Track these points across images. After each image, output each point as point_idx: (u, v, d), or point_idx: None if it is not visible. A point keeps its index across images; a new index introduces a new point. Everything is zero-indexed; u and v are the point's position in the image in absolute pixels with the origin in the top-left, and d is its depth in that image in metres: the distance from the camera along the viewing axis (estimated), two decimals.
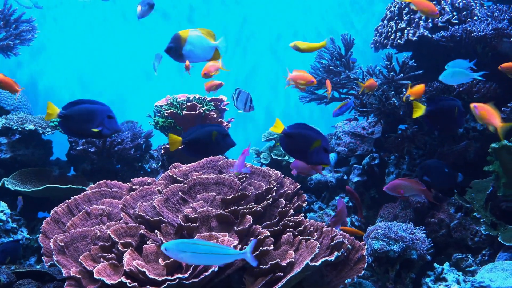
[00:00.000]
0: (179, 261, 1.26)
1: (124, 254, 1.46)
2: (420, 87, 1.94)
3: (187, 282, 1.35)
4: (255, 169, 2.03)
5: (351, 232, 2.00)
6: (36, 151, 2.49)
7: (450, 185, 2.01)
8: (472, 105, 1.71)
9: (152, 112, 2.64)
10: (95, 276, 1.38)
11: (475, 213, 1.99)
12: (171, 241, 1.18)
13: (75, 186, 2.21)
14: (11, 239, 2.06)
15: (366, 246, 1.72)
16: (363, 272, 1.66)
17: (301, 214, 1.78)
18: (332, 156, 1.89)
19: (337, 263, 1.67)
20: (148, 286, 1.34)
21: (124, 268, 1.40)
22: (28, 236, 2.16)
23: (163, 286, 1.33)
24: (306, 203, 1.94)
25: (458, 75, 1.84)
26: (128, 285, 1.34)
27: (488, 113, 1.67)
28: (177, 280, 1.34)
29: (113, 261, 1.48)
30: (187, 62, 2.19)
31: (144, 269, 1.37)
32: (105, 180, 1.99)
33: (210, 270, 1.38)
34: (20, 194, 2.26)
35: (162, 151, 2.44)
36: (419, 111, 1.77)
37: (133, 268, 1.39)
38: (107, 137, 1.45)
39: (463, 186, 2.07)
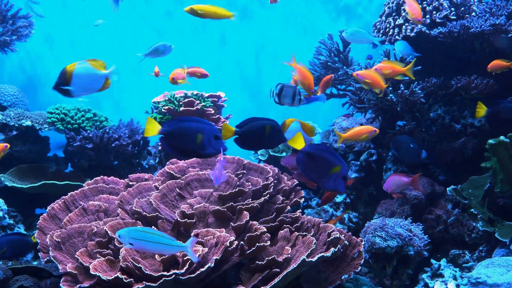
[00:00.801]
0: (131, 248, 1.33)
1: (121, 250, 1.45)
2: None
3: (183, 277, 1.35)
4: (253, 165, 2.02)
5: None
6: (33, 147, 2.48)
7: (414, 161, 2.02)
8: (354, 73, 1.85)
9: (150, 109, 2.64)
10: (91, 271, 1.38)
11: (472, 209, 1.99)
12: (125, 228, 1.27)
13: (72, 182, 2.21)
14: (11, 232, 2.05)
15: (363, 242, 1.72)
16: (360, 268, 1.66)
17: (298, 210, 1.78)
18: (317, 138, 1.88)
19: (334, 259, 1.68)
20: (144, 282, 1.34)
21: (120, 263, 1.40)
22: (25, 233, 2.16)
23: (159, 282, 1.33)
24: (303, 199, 1.94)
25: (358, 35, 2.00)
26: (124, 280, 1.34)
27: (371, 78, 1.84)
28: (173, 275, 1.34)
29: (110, 257, 1.47)
30: (156, 69, 2.16)
31: (140, 265, 1.37)
32: (102, 176, 1.98)
33: (206, 266, 1.37)
34: (16, 190, 2.25)
35: (160, 148, 2.44)
36: (481, 111, 1.85)
37: (129, 264, 1.39)
38: (211, 156, 1.44)
39: (427, 163, 2.13)
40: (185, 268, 1.36)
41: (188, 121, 1.42)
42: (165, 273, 1.35)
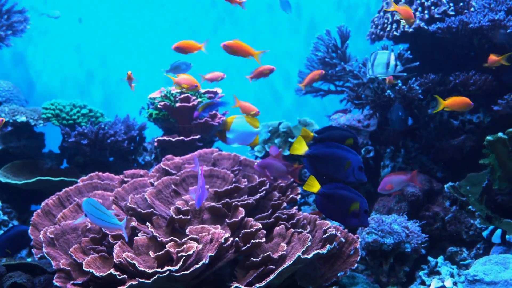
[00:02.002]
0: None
1: (114, 247, 1.44)
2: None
3: (177, 274, 1.33)
4: (249, 162, 2.01)
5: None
6: (28, 143, 2.46)
7: (401, 126, 1.99)
8: (221, 44, 1.80)
9: (146, 105, 2.62)
10: (84, 268, 1.37)
11: (470, 207, 1.98)
12: (85, 200, 1.40)
13: (67, 179, 2.19)
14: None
15: (359, 239, 1.71)
16: (356, 265, 1.65)
17: (295, 207, 1.77)
18: (263, 130, 1.85)
19: (330, 256, 1.66)
20: (138, 278, 1.32)
21: (114, 260, 1.39)
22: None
23: (152, 279, 1.31)
24: (300, 196, 1.92)
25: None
26: (118, 277, 1.33)
27: (238, 47, 1.81)
28: (167, 272, 1.32)
29: (103, 253, 1.46)
30: (129, 73, 2.12)
31: (134, 261, 1.35)
32: (97, 172, 1.97)
33: (200, 263, 1.36)
34: (11, 186, 2.24)
35: (156, 144, 2.42)
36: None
37: (122, 260, 1.37)
38: (351, 185, 1.44)
39: (413, 129, 2.13)
40: (179, 264, 1.34)
41: (335, 147, 1.43)
42: (159, 269, 1.34)
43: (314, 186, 1.42)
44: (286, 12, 2.14)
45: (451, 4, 2.20)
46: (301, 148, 1.45)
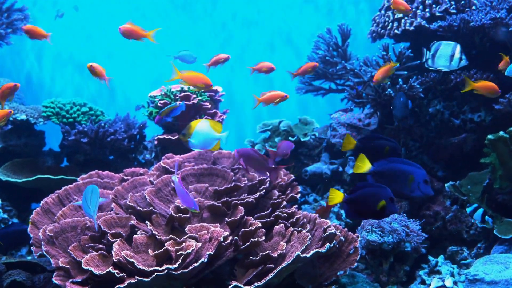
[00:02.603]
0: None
1: (113, 245, 1.44)
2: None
3: (176, 273, 1.33)
4: None
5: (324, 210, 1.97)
6: (28, 141, 2.46)
7: (403, 112, 1.97)
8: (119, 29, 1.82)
9: (146, 103, 2.61)
10: (83, 266, 1.37)
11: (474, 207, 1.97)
12: (88, 187, 1.46)
13: (67, 177, 2.19)
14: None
15: (359, 238, 1.70)
16: (356, 264, 1.64)
17: (295, 206, 1.76)
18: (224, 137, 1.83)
19: (329, 255, 1.66)
20: (136, 277, 1.32)
21: (113, 258, 1.39)
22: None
23: (151, 277, 1.31)
24: (299, 194, 1.92)
25: None
26: (116, 275, 1.33)
27: (131, 31, 1.86)
28: (166, 270, 1.32)
29: (102, 251, 1.46)
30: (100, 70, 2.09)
31: (132, 259, 1.35)
32: (97, 170, 1.97)
33: (199, 261, 1.36)
34: (11, 184, 2.23)
35: (156, 142, 2.42)
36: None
37: (121, 259, 1.37)
38: (417, 199, 1.43)
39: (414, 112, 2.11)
40: (178, 263, 1.34)
41: (398, 162, 1.43)
42: (158, 268, 1.34)
43: (364, 166, 1.43)
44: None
45: (453, 2, 2.19)
46: (364, 166, 1.45)
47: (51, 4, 4.03)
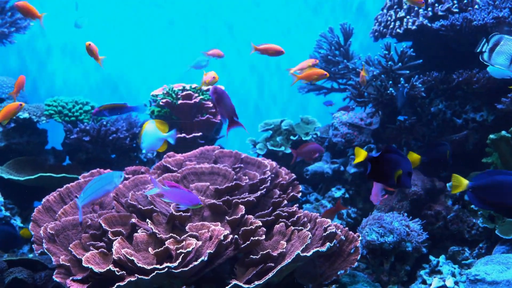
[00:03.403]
0: None
1: (114, 243, 1.44)
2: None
3: (176, 271, 1.33)
4: (250, 159, 2.00)
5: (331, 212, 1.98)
6: (31, 139, 2.47)
7: (403, 101, 1.99)
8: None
9: (148, 102, 2.62)
10: (84, 264, 1.37)
11: (472, 206, 1.96)
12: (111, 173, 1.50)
13: (68, 175, 2.19)
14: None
15: (360, 238, 1.70)
16: (356, 264, 1.64)
17: (296, 205, 1.76)
18: (171, 133, 1.85)
19: (330, 254, 1.66)
20: (136, 275, 1.32)
21: (113, 256, 1.39)
22: (21, 225, 2.15)
23: (151, 275, 1.31)
24: (300, 193, 1.92)
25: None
26: (117, 273, 1.33)
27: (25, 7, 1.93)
28: (166, 269, 1.32)
29: (103, 249, 1.46)
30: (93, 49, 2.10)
31: (133, 258, 1.35)
32: (98, 169, 1.97)
33: (199, 260, 1.36)
34: (13, 182, 2.24)
35: None
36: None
37: (121, 257, 1.37)
38: None
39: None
40: (178, 261, 1.34)
41: (499, 174, 1.37)
42: (158, 266, 1.34)
43: (461, 184, 1.39)
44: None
45: (455, 2, 2.18)
46: (462, 183, 1.39)
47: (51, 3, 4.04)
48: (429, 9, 2.17)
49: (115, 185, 1.54)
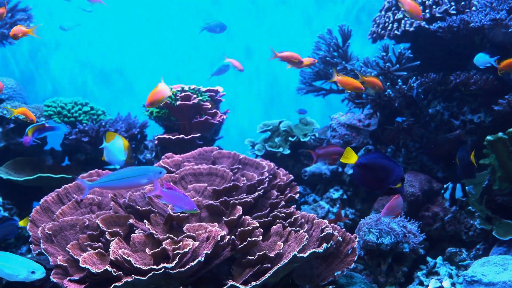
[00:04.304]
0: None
1: (111, 243, 1.44)
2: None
3: (172, 271, 1.34)
4: (249, 160, 2.01)
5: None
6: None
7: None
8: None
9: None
10: (81, 264, 1.38)
11: (470, 207, 1.97)
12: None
13: (67, 176, 2.20)
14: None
15: (357, 239, 1.71)
16: (354, 265, 1.65)
17: (293, 206, 1.77)
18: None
19: (327, 255, 1.66)
20: (133, 275, 1.33)
21: (110, 257, 1.39)
22: (21, 226, 2.15)
23: (148, 276, 1.32)
24: (298, 194, 1.92)
25: None
26: (113, 273, 1.34)
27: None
28: (163, 269, 1.33)
29: (100, 250, 1.46)
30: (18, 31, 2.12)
31: (129, 258, 1.36)
32: (96, 169, 1.98)
33: (196, 260, 1.36)
34: (12, 183, 2.25)
35: (156, 142, 2.43)
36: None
37: (118, 257, 1.38)
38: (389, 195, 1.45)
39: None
40: (174, 262, 1.35)
41: (383, 158, 1.42)
42: (155, 266, 1.34)
43: (351, 157, 1.40)
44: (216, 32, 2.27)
45: (453, 3, 2.19)
46: (353, 157, 1.40)
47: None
48: (427, 11, 2.18)
49: (148, 179, 1.45)
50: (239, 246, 1.48)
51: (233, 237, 1.49)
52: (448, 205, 2.07)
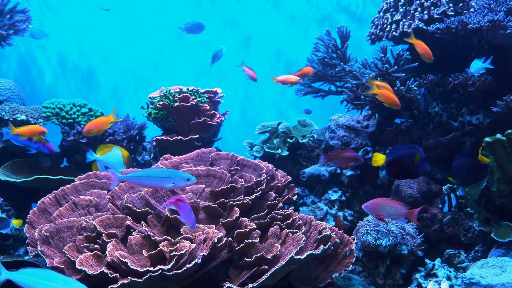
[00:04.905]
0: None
1: (108, 245, 1.44)
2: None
3: (169, 273, 1.33)
4: (247, 162, 2.00)
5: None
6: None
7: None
8: None
9: (145, 104, 2.62)
10: (77, 266, 1.37)
11: (468, 209, 1.96)
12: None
13: (65, 177, 2.20)
14: None
15: (355, 241, 1.70)
16: (352, 267, 1.64)
17: (292, 208, 1.76)
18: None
19: (325, 257, 1.66)
20: (129, 277, 1.32)
21: (107, 258, 1.39)
22: (17, 227, 2.15)
23: (144, 278, 1.31)
24: (296, 196, 1.92)
25: None
26: (110, 275, 1.33)
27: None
28: (160, 271, 1.32)
29: (97, 251, 1.46)
30: None
31: (126, 260, 1.35)
32: (94, 171, 1.97)
33: (193, 262, 1.36)
34: (10, 184, 2.25)
35: (154, 143, 2.42)
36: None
37: (115, 259, 1.37)
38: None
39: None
40: (171, 264, 1.34)
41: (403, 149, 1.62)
42: (151, 268, 1.34)
43: (380, 159, 1.61)
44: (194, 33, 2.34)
45: (451, 5, 2.18)
46: (381, 158, 1.63)
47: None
48: (425, 12, 2.18)
49: (174, 184, 1.47)
50: (236, 248, 1.47)
51: (230, 239, 1.49)
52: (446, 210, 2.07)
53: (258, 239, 1.52)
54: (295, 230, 1.57)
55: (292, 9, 4.64)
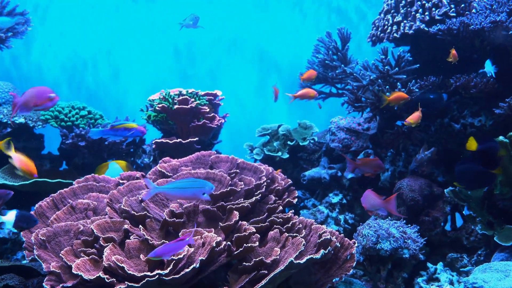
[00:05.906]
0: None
1: (105, 249, 1.42)
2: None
3: (167, 278, 1.31)
4: (247, 165, 1.99)
5: None
6: (27, 144, 2.46)
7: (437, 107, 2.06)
8: None
9: (145, 107, 2.61)
10: (74, 271, 1.35)
11: (470, 212, 1.94)
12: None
13: (64, 181, 2.18)
14: None
15: (356, 244, 1.68)
16: (352, 271, 1.62)
17: (292, 211, 1.74)
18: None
19: (325, 261, 1.63)
20: (126, 282, 1.30)
21: (104, 263, 1.37)
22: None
23: (142, 282, 1.29)
24: (296, 199, 1.90)
25: None
26: (106, 280, 1.31)
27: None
28: (157, 276, 1.30)
29: (94, 256, 1.44)
30: None
31: (123, 264, 1.33)
32: (93, 174, 1.95)
33: (191, 267, 1.34)
34: (8, 187, 2.23)
35: (154, 146, 2.41)
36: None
37: (112, 264, 1.35)
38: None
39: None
40: (169, 268, 1.32)
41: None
42: (149, 273, 1.32)
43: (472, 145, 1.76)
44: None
45: (452, 6, 2.16)
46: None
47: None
48: (426, 13, 2.16)
49: (206, 194, 1.48)
50: (235, 252, 1.45)
51: (229, 243, 1.47)
52: (449, 210, 2.04)
53: (257, 243, 1.50)
54: (295, 234, 1.55)
55: (280, 10, 4.64)
